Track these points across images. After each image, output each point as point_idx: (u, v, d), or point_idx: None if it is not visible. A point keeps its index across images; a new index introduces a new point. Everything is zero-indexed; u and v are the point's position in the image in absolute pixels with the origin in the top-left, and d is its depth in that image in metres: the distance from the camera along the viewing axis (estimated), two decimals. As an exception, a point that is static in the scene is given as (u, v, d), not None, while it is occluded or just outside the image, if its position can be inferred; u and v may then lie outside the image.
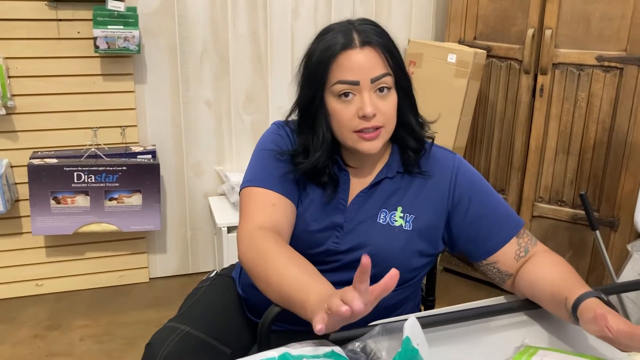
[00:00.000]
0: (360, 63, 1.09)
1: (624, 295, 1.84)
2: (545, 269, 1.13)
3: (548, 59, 2.39)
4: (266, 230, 1.08)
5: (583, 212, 2.44)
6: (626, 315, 1.86)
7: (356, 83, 1.09)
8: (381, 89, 1.11)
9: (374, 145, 1.12)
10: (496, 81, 2.59)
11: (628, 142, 2.30)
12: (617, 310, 0.98)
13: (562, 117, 2.43)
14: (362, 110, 1.09)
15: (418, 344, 0.83)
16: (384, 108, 1.11)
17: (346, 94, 1.10)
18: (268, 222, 1.10)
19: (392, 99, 1.13)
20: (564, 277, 1.09)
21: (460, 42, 2.65)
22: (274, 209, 1.13)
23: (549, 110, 2.45)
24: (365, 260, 0.77)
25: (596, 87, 2.33)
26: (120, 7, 2.34)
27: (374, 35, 1.11)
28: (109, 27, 2.33)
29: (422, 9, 2.94)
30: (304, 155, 1.17)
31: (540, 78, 2.43)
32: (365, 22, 1.15)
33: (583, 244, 2.50)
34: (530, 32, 2.40)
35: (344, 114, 1.11)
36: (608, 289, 1.30)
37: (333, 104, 1.12)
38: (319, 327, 0.79)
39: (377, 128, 1.11)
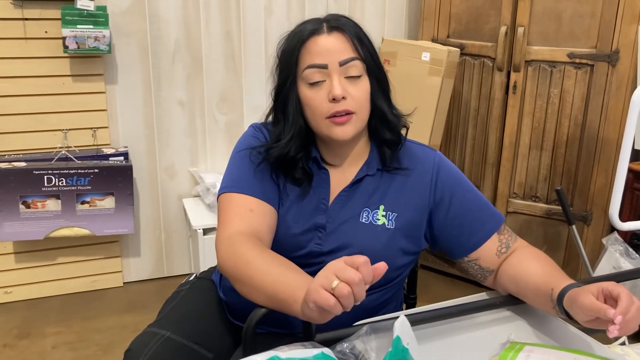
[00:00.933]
0: (328, 46, 1.10)
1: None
2: (528, 263, 1.14)
3: (521, 56, 2.41)
4: (245, 235, 1.07)
5: (557, 207, 2.48)
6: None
7: (324, 66, 1.10)
8: (351, 75, 1.11)
9: (345, 131, 1.11)
10: (470, 79, 2.61)
11: (599, 137, 2.33)
12: None
13: (535, 113, 2.46)
14: (332, 92, 1.09)
15: (408, 343, 0.83)
16: (355, 93, 1.11)
17: (317, 82, 1.11)
18: (247, 229, 1.09)
19: (363, 85, 1.13)
20: (548, 270, 1.10)
21: (434, 40, 2.66)
22: (253, 214, 1.12)
23: (522, 106, 2.48)
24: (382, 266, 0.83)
25: (568, 84, 2.36)
26: (90, 6, 2.29)
27: (343, 23, 1.13)
28: (78, 26, 2.28)
29: (395, 8, 2.95)
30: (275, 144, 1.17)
31: (513, 75, 2.46)
32: (338, 15, 1.16)
33: (557, 239, 2.53)
34: (503, 29, 2.42)
35: (315, 99, 1.11)
36: (584, 283, 1.32)
37: (305, 91, 1.12)
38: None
39: (348, 113, 1.10)
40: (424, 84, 2.49)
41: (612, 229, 1.82)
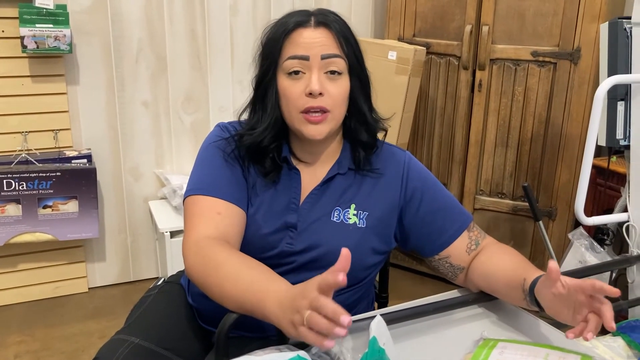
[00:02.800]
0: (312, 39, 1.09)
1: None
2: (498, 258, 1.15)
3: (485, 54, 2.44)
4: (212, 239, 1.04)
5: (523, 204, 2.52)
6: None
7: (306, 58, 1.08)
8: (332, 72, 1.09)
9: (318, 129, 1.10)
10: (436, 77, 2.63)
11: (563, 134, 2.38)
12: None
13: (500, 111, 2.49)
14: (309, 87, 1.08)
15: (384, 344, 0.82)
16: (333, 90, 1.10)
17: (296, 72, 1.09)
18: (214, 232, 1.06)
19: (343, 84, 1.12)
20: (518, 264, 1.11)
21: (400, 39, 2.67)
22: (220, 217, 1.09)
23: (487, 104, 2.51)
24: (346, 252, 0.77)
25: (532, 82, 2.40)
26: (49, 4, 2.22)
27: (331, 20, 1.12)
28: (37, 25, 2.21)
29: (361, 7, 2.95)
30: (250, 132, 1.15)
31: (478, 73, 2.48)
32: (327, 10, 1.15)
33: (523, 235, 2.57)
34: (467, 28, 2.45)
35: (292, 91, 1.09)
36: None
37: (283, 81, 1.11)
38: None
39: (324, 111, 1.09)
40: (391, 83, 2.50)
41: (577, 223, 1.85)
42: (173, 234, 2.44)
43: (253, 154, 1.15)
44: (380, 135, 1.24)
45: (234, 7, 2.67)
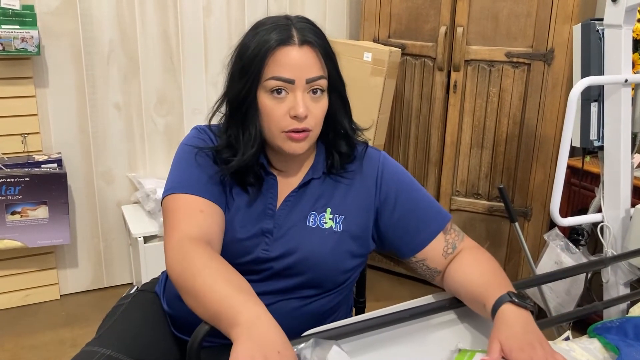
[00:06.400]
0: (297, 61, 1.06)
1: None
2: (467, 270, 1.13)
3: (460, 55, 2.44)
4: (195, 240, 1.01)
5: (498, 204, 2.53)
6: (544, 302, 1.93)
7: (291, 81, 1.06)
8: (314, 91, 1.08)
9: (300, 146, 1.09)
10: (411, 78, 2.63)
11: (537, 134, 2.39)
12: (532, 306, 1.01)
13: (475, 112, 2.50)
14: (295, 110, 1.05)
15: None
16: (316, 111, 1.09)
17: (279, 91, 1.06)
18: (197, 231, 1.03)
19: (323, 103, 1.11)
20: (483, 279, 1.08)
21: (375, 40, 2.67)
22: (203, 215, 1.06)
23: (462, 105, 2.51)
24: None
25: (506, 83, 2.41)
26: (15, 4, 2.16)
27: (313, 35, 1.08)
28: (2, 26, 2.15)
29: (336, 8, 2.94)
30: (229, 152, 1.12)
31: (453, 75, 2.49)
32: (304, 20, 1.11)
33: (499, 235, 2.59)
34: (442, 29, 2.45)
35: (275, 111, 1.07)
36: (529, 282, 1.34)
37: (264, 99, 1.08)
38: None
39: (306, 131, 1.08)
40: (367, 85, 2.49)
41: (552, 223, 1.86)
42: (147, 239, 2.40)
43: (235, 175, 1.13)
44: (364, 149, 1.23)
45: (208, 8, 2.63)
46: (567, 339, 1.29)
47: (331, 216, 1.16)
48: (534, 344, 0.91)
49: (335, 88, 1.13)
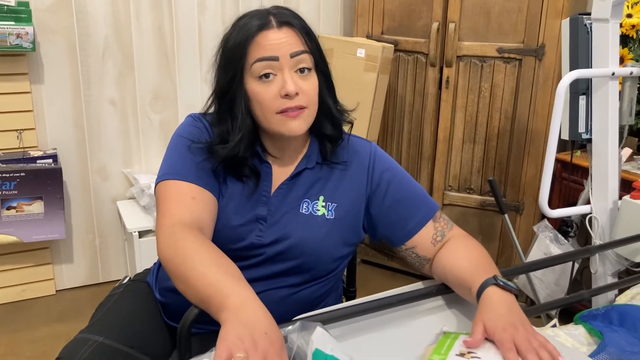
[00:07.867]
0: (278, 40, 1.08)
1: (531, 274, 1.93)
2: (455, 255, 1.15)
3: (452, 51, 2.46)
4: (187, 226, 1.03)
5: (491, 199, 2.55)
6: (534, 293, 1.95)
7: (275, 58, 1.07)
8: (302, 70, 1.10)
9: (298, 124, 1.10)
10: (404, 74, 2.65)
11: (529, 129, 2.42)
12: (516, 290, 1.03)
13: (467, 107, 2.52)
14: (285, 88, 1.07)
15: (332, 349, 0.82)
16: (306, 88, 1.10)
17: (267, 75, 1.08)
18: (188, 217, 1.05)
19: (313, 80, 1.12)
20: (471, 264, 1.11)
21: (368, 37, 2.69)
22: (195, 202, 1.08)
23: (455, 101, 2.53)
24: None
25: (498, 78, 2.43)
26: (11, 1, 2.18)
27: (291, 17, 1.11)
28: (-2, 22, 2.17)
29: (329, 5, 2.95)
30: (223, 145, 1.13)
31: (445, 70, 2.51)
32: (281, 7, 1.14)
33: (492, 229, 2.61)
34: (434, 26, 2.47)
35: (266, 95, 1.08)
36: (515, 270, 1.37)
37: (253, 86, 1.09)
38: None
39: (300, 108, 1.09)
40: (360, 80, 2.51)
41: (543, 217, 1.89)
42: (142, 234, 2.41)
43: (228, 166, 1.14)
44: (346, 128, 1.24)
45: (202, 4, 2.65)
46: (554, 326, 1.31)
47: (324, 204, 1.18)
48: (516, 325, 0.93)
49: (319, 67, 1.14)
